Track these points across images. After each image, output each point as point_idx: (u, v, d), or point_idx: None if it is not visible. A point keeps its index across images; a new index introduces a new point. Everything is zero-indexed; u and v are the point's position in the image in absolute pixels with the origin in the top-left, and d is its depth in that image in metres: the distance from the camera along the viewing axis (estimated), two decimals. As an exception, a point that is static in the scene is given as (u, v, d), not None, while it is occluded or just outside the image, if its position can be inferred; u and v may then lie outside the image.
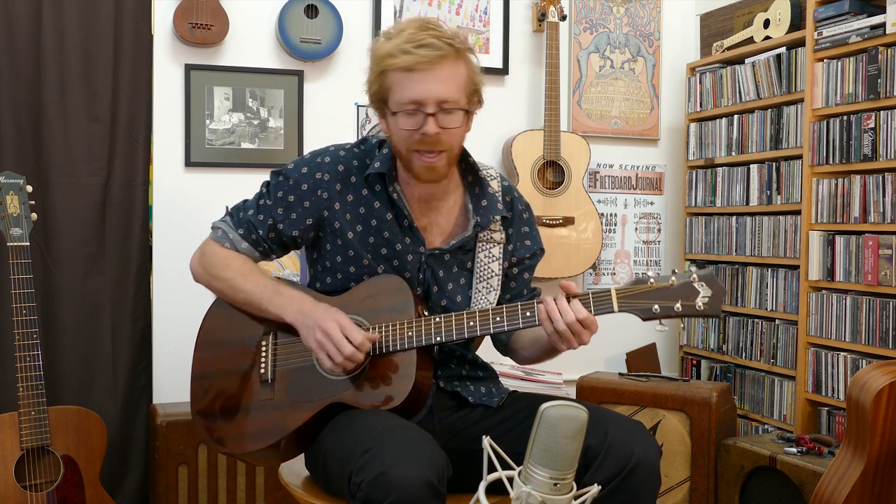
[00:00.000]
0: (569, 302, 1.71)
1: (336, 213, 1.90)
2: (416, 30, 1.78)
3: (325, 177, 1.90)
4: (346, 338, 1.75)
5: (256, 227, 1.93)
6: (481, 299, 1.92)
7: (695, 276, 1.69)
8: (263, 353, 1.89)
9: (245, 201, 1.99)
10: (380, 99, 1.85)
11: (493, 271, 1.93)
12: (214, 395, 1.91)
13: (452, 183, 1.94)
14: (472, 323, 1.77)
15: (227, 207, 2.06)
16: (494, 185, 1.96)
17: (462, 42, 1.81)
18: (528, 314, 1.75)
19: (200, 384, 1.94)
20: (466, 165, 1.96)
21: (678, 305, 1.67)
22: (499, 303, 1.95)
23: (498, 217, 1.94)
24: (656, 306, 1.68)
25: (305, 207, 1.90)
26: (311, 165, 1.92)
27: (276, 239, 1.95)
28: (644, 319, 1.70)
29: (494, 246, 1.94)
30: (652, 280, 1.70)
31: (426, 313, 1.85)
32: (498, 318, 1.76)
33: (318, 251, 1.96)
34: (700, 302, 1.68)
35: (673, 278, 1.69)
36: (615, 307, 1.70)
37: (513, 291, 2.01)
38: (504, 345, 2.03)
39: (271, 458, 1.91)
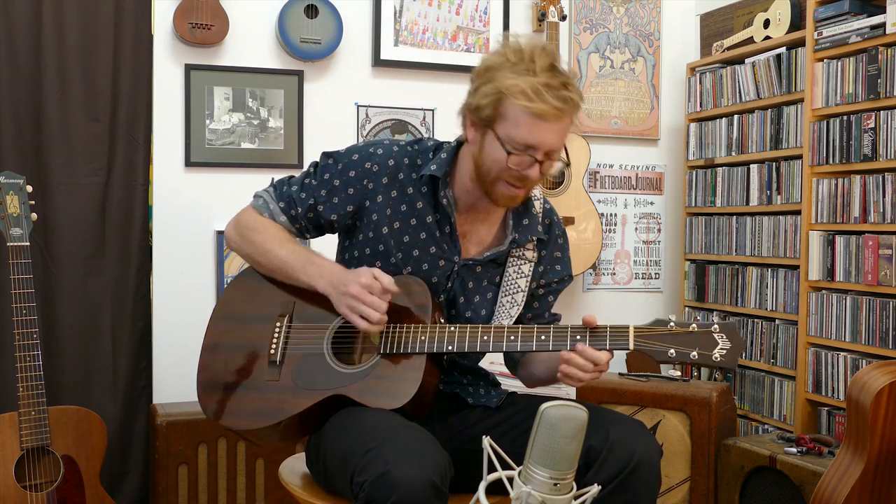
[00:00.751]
0: (581, 350, 1.70)
1: (376, 206, 1.90)
2: (550, 73, 1.73)
3: (374, 167, 1.90)
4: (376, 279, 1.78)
5: (297, 204, 1.94)
6: (503, 313, 1.91)
7: (716, 325, 1.68)
8: (276, 334, 1.89)
9: (291, 177, 2.00)
10: (485, 117, 1.79)
11: (519, 287, 1.93)
12: (221, 368, 1.91)
13: None
14: (486, 338, 1.77)
15: (272, 178, 2.06)
16: (537, 206, 1.97)
17: (578, 89, 1.79)
18: (542, 338, 1.74)
19: (209, 354, 1.94)
20: None
21: (695, 353, 1.66)
22: (519, 320, 1.95)
23: (534, 237, 1.94)
24: (672, 351, 1.67)
25: (349, 194, 1.90)
26: (362, 154, 1.92)
27: (313, 219, 1.95)
28: (658, 362, 1.71)
29: (525, 263, 1.95)
30: (672, 324, 1.69)
31: (442, 320, 1.86)
32: (512, 338, 1.76)
33: (350, 239, 1.96)
34: (717, 353, 1.66)
35: (693, 325, 1.69)
36: (631, 345, 1.70)
37: (534, 311, 2.01)
38: (515, 363, 2.04)
39: (270, 439, 1.91)
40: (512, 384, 2.65)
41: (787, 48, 3.32)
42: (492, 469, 1.46)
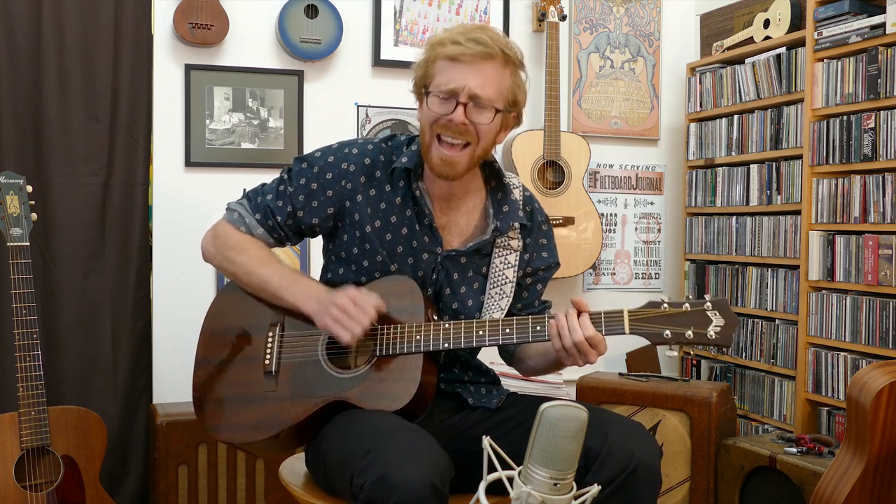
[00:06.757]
0: (579, 319, 1.70)
1: (357, 205, 1.89)
2: (473, 27, 1.83)
3: (350, 167, 1.90)
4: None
5: (275, 214, 1.93)
6: (493, 305, 1.91)
7: (708, 303, 1.68)
8: (269, 344, 1.89)
9: (263, 185, 1.98)
10: (422, 85, 1.86)
11: (507, 278, 1.93)
12: (216, 382, 1.90)
13: (475, 184, 1.94)
14: (481, 332, 1.77)
15: (244, 190, 2.05)
16: (517, 194, 1.97)
17: (514, 53, 1.84)
18: (538, 328, 1.74)
19: (203, 370, 1.93)
20: (491, 171, 1.96)
21: (689, 332, 1.67)
22: (509, 312, 1.95)
23: (517, 224, 1.94)
24: (668, 332, 1.68)
25: (328, 196, 1.90)
26: (337, 155, 1.92)
27: (293, 226, 1.94)
28: (654, 344, 1.70)
29: (511, 253, 1.94)
30: (665, 305, 1.69)
31: (436, 317, 1.85)
32: (508, 331, 1.76)
33: (334, 241, 1.96)
34: (712, 331, 1.67)
35: (686, 304, 1.69)
36: (626, 329, 1.70)
37: (524, 301, 2.00)
38: (510, 355, 2.03)
39: (269, 450, 1.91)
40: (513, 384, 2.64)
41: (787, 48, 3.32)
42: (492, 469, 1.46)
